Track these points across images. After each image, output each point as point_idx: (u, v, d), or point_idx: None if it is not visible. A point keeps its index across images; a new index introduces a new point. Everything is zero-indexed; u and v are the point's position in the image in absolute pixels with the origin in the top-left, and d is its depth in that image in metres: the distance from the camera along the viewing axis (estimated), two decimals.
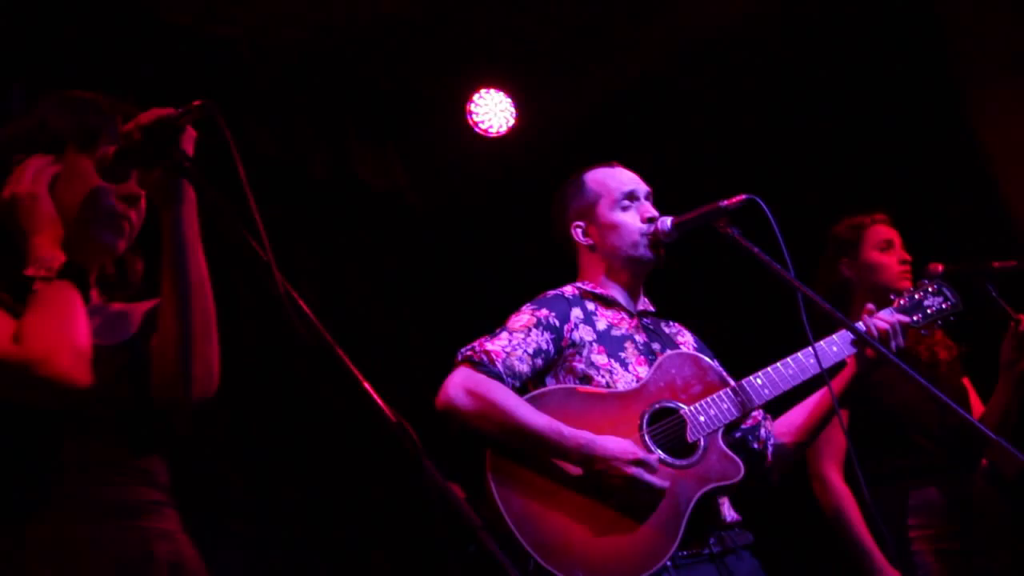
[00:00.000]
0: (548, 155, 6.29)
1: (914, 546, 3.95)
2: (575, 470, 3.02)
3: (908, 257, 4.33)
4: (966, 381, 4.37)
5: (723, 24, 6.07)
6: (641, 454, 3.00)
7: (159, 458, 2.35)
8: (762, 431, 3.38)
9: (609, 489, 3.01)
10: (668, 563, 2.95)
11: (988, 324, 4.14)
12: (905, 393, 4.09)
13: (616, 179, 3.52)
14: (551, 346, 3.22)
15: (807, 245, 3.70)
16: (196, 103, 2.08)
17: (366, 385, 1.75)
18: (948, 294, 3.53)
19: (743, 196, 3.18)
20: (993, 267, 4.12)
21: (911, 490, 4.05)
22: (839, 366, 3.32)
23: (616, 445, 3.00)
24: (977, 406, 4.31)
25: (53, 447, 2.18)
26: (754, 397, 3.22)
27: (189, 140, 2.16)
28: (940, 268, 3.98)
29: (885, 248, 4.31)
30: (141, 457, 2.30)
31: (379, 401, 1.74)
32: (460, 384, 3.09)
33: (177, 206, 2.21)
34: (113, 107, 2.38)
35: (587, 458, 2.99)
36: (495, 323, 3.31)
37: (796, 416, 3.41)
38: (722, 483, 3.11)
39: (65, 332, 2.11)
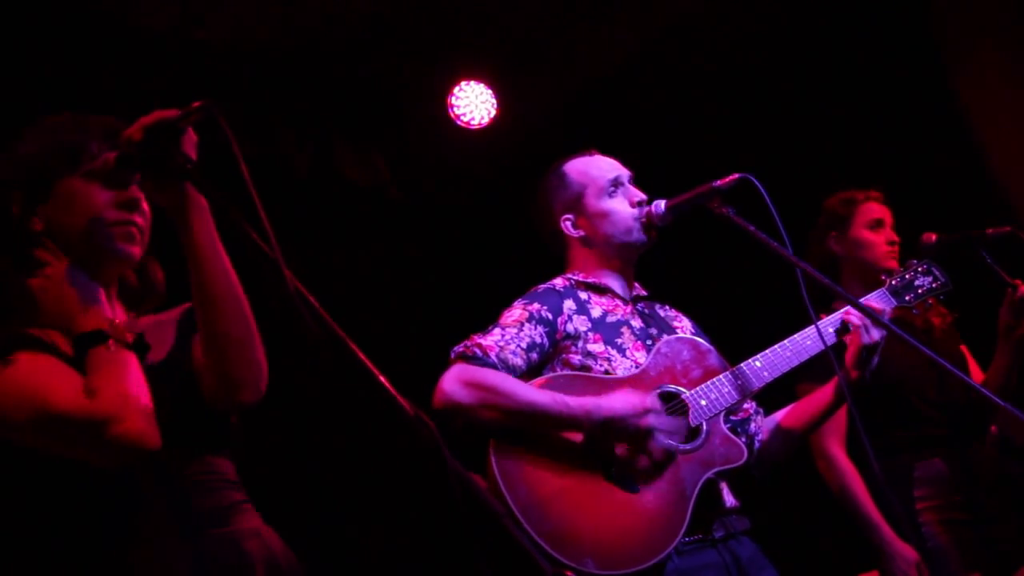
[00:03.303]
0: (531, 145, 6.25)
1: (921, 517, 3.96)
2: (581, 449, 2.99)
3: (896, 238, 4.33)
4: (964, 348, 4.38)
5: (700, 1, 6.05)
6: (648, 403, 2.98)
7: (227, 459, 2.40)
8: (751, 426, 3.37)
9: (618, 460, 2.99)
10: (671, 550, 2.93)
11: (986, 291, 4.14)
12: (905, 364, 4.09)
13: (599, 167, 3.50)
14: (545, 339, 3.19)
15: (796, 222, 3.69)
16: (196, 104, 2.04)
17: (382, 379, 1.73)
18: (937, 273, 3.54)
19: (736, 175, 3.15)
20: (987, 234, 4.12)
21: (916, 462, 4.05)
22: (839, 347, 3.29)
23: (623, 400, 2.98)
24: (977, 373, 4.31)
25: (134, 470, 2.19)
26: (753, 380, 3.20)
27: (190, 144, 2.12)
28: (934, 238, 3.98)
29: (875, 227, 4.31)
30: (213, 462, 2.34)
31: (396, 394, 1.72)
32: (456, 378, 3.04)
33: (188, 213, 2.17)
34: (82, 122, 2.35)
35: (597, 422, 2.95)
36: (485, 315, 3.26)
37: (796, 407, 3.38)
38: (726, 466, 3.10)
39: (135, 394, 2.09)
